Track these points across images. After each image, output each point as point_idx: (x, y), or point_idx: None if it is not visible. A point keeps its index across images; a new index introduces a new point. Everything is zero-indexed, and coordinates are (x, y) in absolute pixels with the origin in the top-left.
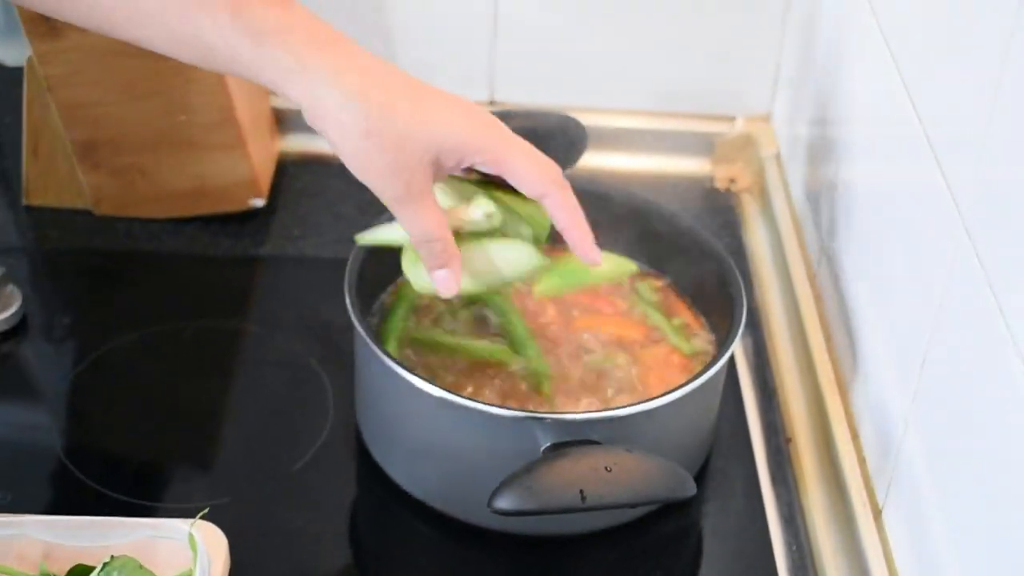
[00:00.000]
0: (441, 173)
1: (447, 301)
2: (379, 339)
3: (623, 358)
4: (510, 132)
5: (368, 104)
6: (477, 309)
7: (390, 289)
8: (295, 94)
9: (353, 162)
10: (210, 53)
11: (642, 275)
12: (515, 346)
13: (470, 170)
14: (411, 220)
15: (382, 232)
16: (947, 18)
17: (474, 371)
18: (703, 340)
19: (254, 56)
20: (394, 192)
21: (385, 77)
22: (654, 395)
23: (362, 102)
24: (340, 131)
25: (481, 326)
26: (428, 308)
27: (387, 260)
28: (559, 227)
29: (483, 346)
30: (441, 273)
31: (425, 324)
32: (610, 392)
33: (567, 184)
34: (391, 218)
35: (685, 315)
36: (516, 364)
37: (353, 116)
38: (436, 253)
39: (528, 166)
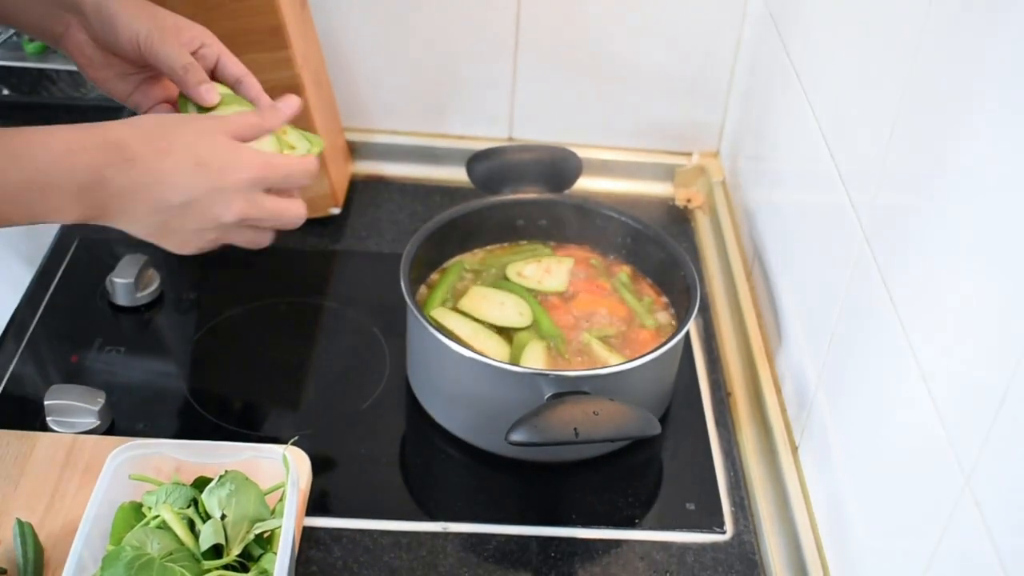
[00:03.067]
0: (184, 44)
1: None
2: (424, 312)
3: (611, 329)
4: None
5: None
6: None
7: (432, 277)
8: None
9: (118, 18)
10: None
11: (621, 266)
12: (535, 320)
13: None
14: (167, 55)
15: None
16: (854, 82)
17: None
18: (665, 317)
19: None
20: (150, 27)
21: None
22: (631, 359)
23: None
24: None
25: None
26: (464, 284)
27: (430, 256)
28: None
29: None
30: (202, 87)
31: (458, 299)
32: (601, 355)
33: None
34: None
35: (653, 298)
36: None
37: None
38: (194, 72)
39: (233, 58)
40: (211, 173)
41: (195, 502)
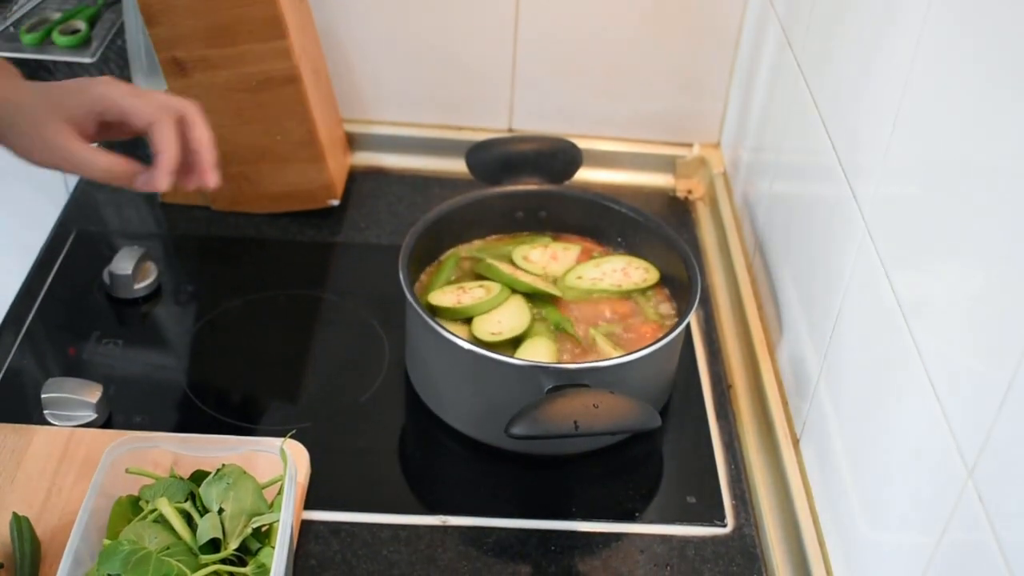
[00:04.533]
0: (98, 129)
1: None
2: (423, 304)
3: (613, 324)
4: (133, 87)
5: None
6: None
7: (430, 268)
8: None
9: (40, 146)
10: None
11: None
12: (542, 315)
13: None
14: (89, 166)
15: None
16: (856, 72)
17: None
18: (667, 308)
19: None
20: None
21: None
22: (631, 351)
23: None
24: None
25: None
26: (459, 281)
27: (428, 248)
28: (154, 150)
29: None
30: (141, 179)
31: (451, 296)
32: (602, 348)
33: (179, 119)
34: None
35: (655, 289)
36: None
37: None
38: (125, 175)
39: (134, 102)
40: None
41: (193, 496)
